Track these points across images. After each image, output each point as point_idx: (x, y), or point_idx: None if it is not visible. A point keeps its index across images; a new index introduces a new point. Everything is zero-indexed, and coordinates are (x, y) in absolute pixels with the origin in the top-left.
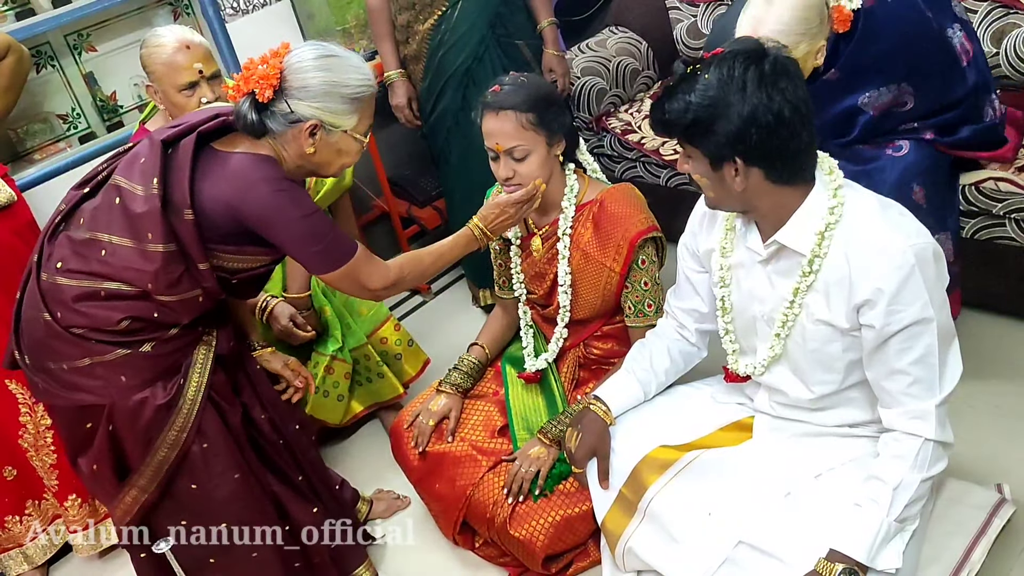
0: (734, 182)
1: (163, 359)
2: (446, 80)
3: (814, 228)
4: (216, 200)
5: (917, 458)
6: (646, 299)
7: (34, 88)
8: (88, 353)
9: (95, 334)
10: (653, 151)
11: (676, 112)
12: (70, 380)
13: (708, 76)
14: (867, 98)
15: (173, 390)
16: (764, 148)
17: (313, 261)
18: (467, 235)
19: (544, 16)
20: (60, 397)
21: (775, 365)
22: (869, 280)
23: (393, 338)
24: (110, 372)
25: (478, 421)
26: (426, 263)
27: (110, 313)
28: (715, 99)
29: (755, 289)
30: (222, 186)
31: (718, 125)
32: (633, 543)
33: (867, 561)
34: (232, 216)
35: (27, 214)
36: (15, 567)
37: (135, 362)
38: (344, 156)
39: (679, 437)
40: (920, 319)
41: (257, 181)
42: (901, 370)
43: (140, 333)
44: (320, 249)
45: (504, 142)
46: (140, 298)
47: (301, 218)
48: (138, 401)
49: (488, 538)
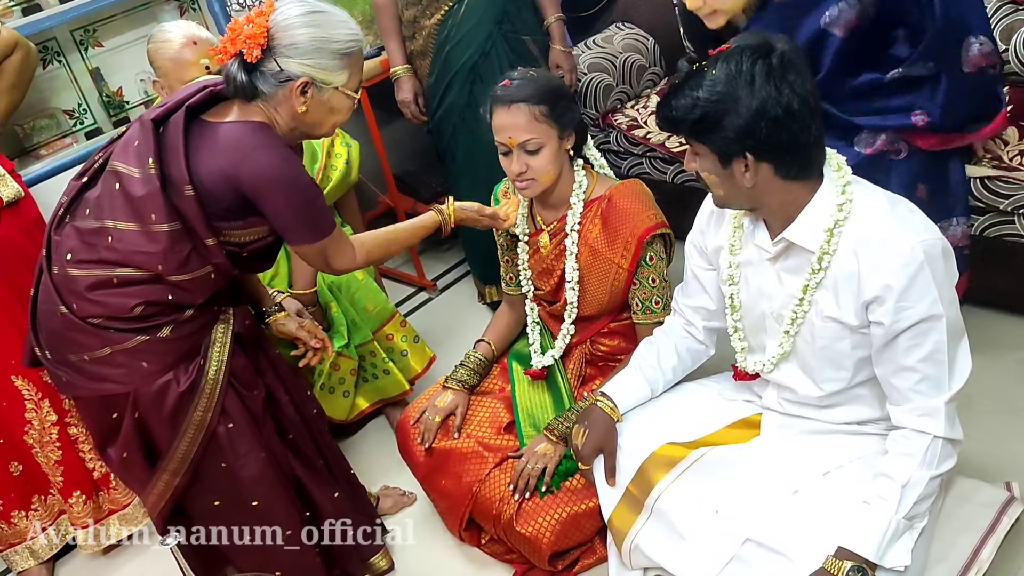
0: (743, 178)
1: (182, 342)
2: (452, 76)
3: (823, 225)
4: (212, 172)
5: (926, 456)
6: (654, 296)
7: (40, 84)
8: (107, 342)
9: (112, 322)
10: (659, 145)
11: (683, 109)
12: (92, 371)
13: (715, 72)
14: (828, 17)
15: (194, 371)
16: (774, 142)
17: (295, 230)
18: (434, 222)
19: (551, 12)
20: (84, 388)
21: (784, 362)
22: (878, 277)
23: (399, 335)
24: (131, 359)
25: (484, 418)
26: (391, 246)
27: (124, 300)
28: (723, 94)
29: (764, 286)
30: (217, 157)
31: (727, 120)
32: (640, 540)
33: (876, 559)
34: (230, 186)
35: (34, 211)
36: (21, 562)
37: (155, 347)
38: (336, 114)
39: (686, 434)
40: (929, 316)
41: (252, 148)
42: (910, 367)
43: (156, 318)
44: (306, 219)
45: (517, 135)
46: (152, 282)
47: (295, 184)
48: (161, 386)
49: (494, 535)
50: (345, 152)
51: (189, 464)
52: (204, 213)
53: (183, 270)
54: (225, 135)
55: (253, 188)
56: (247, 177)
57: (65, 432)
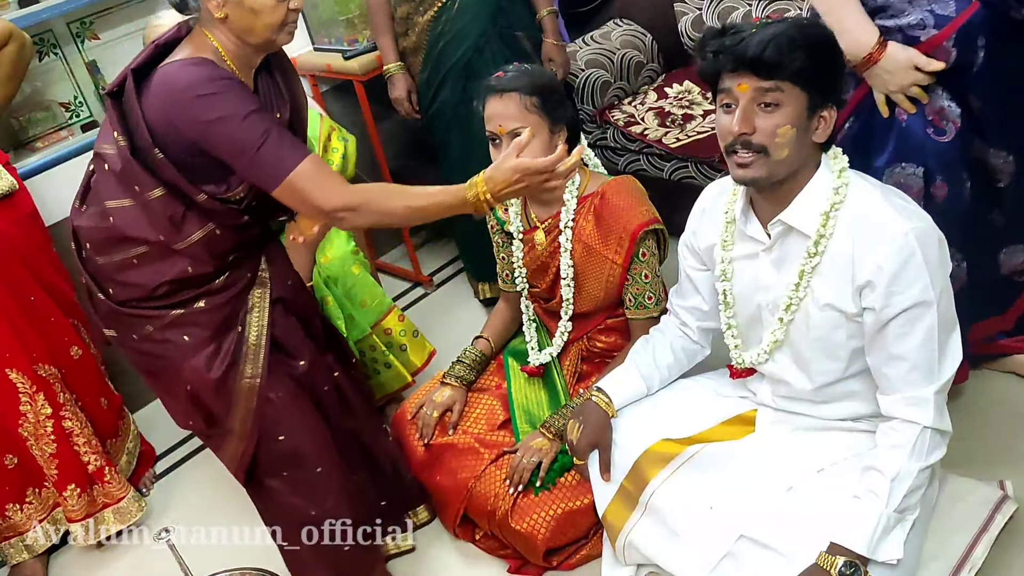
0: (815, 133)
1: (219, 311)
2: (446, 72)
3: (819, 208)
4: (161, 125)
5: (915, 447)
6: (646, 291)
7: (36, 76)
8: (148, 320)
9: (147, 302)
10: (656, 141)
11: (785, 39)
12: (145, 349)
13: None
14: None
15: (234, 339)
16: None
17: (250, 172)
18: (459, 195)
19: (543, 5)
20: (142, 366)
21: (777, 352)
22: (871, 259)
23: (397, 328)
24: (173, 334)
25: (481, 414)
26: (395, 203)
27: (149, 278)
28: (807, 27)
29: (759, 278)
30: (159, 108)
31: (827, 53)
32: (634, 536)
33: (868, 553)
34: (182, 136)
35: (29, 204)
36: (15, 555)
37: (192, 319)
38: (261, 15)
39: (681, 430)
40: (920, 302)
41: (181, 91)
42: (900, 355)
43: (186, 292)
44: (251, 159)
45: (507, 124)
46: (165, 256)
47: (227, 122)
48: (206, 357)
49: (488, 531)
50: (342, 147)
51: (248, 432)
52: (179, 168)
53: (184, 234)
54: (159, 82)
55: (197, 135)
56: (185, 125)
57: (60, 425)
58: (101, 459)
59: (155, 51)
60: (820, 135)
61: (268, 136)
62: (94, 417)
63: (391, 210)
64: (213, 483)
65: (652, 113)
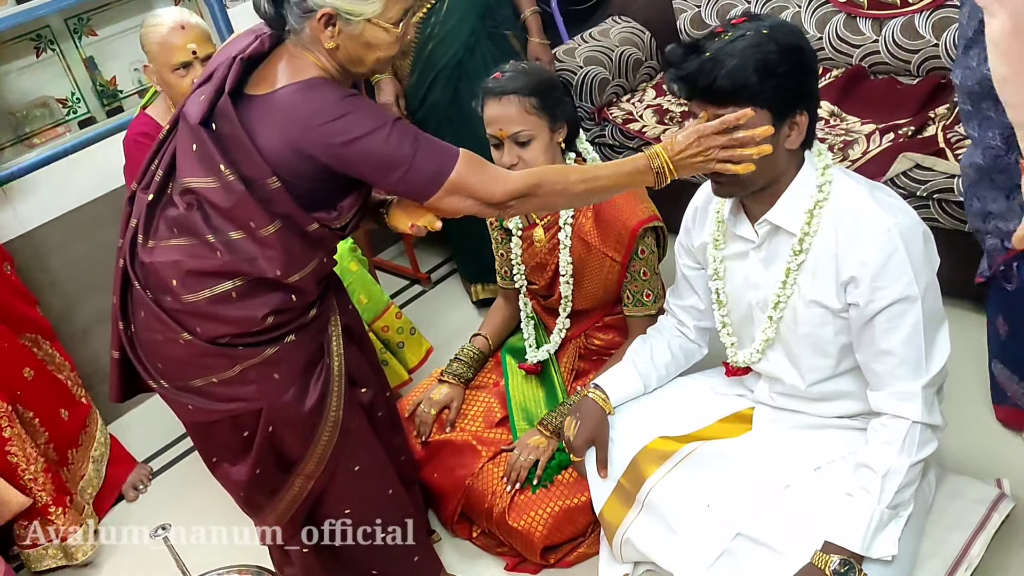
0: (787, 140)
1: (307, 345)
2: (436, 74)
3: (804, 207)
4: (281, 153)
5: (905, 442)
6: (645, 289)
7: (34, 72)
8: (236, 360)
9: (240, 339)
10: (655, 139)
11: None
12: (222, 392)
13: (734, 33)
14: None
15: (323, 372)
16: (813, 91)
17: (402, 185)
18: (638, 164)
19: (527, 5)
20: (214, 412)
21: (770, 350)
22: (855, 254)
23: (395, 326)
24: (262, 373)
25: (478, 412)
26: (571, 179)
27: (251, 312)
28: (763, 42)
29: (750, 276)
30: (278, 137)
31: (783, 67)
32: (631, 534)
33: (862, 551)
34: (312, 163)
35: None
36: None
37: (283, 356)
38: (376, 50)
39: (679, 428)
40: (904, 297)
41: (309, 117)
42: (887, 350)
43: (284, 326)
44: (407, 170)
45: (508, 127)
46: (272, 288)
47: (372, 138)
48: (295, 394)
49: (486, 528)
50: None
51: (326, 465)
52: (294, 197)
53: (299, 267)
54: (278, 108)
55: (331, 160)
56: (318, 151)
57: (5, 460)
58: (48, 495)
59: (242, 67)
60: (793, 142)
61: (418, 142)
62: (51, 431)
63: (567, 189)
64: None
65: (650, 110)
